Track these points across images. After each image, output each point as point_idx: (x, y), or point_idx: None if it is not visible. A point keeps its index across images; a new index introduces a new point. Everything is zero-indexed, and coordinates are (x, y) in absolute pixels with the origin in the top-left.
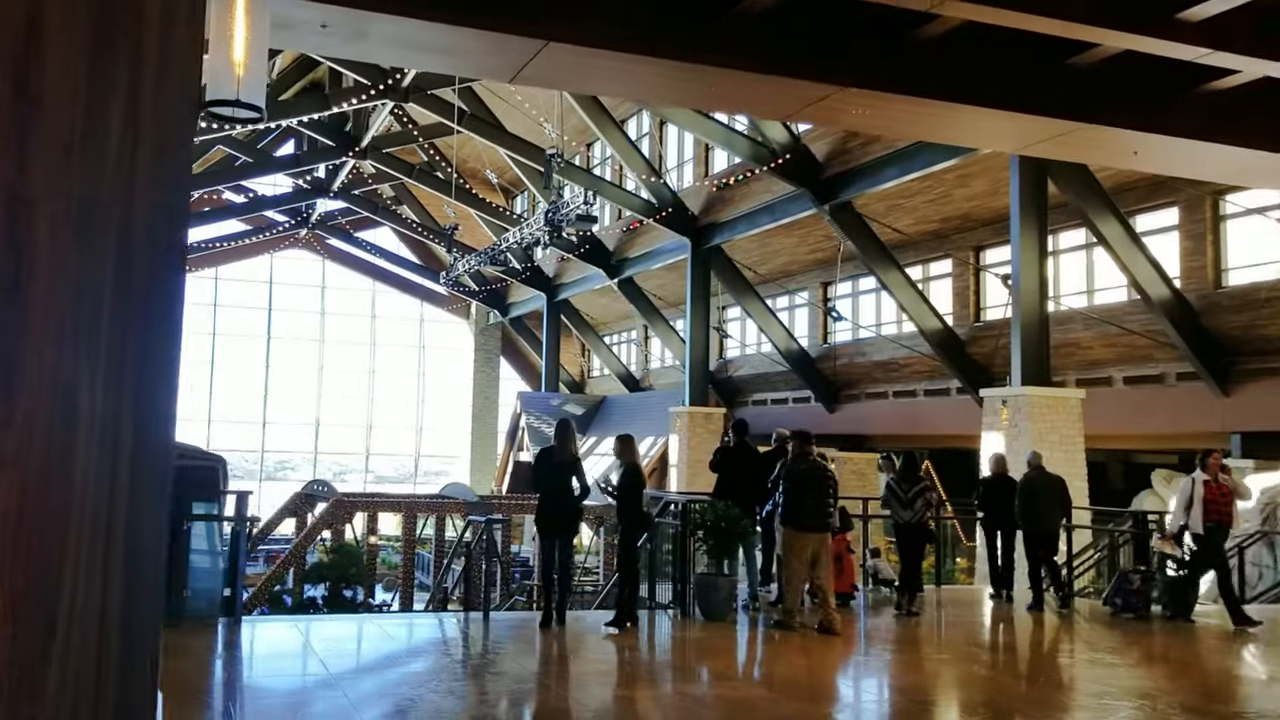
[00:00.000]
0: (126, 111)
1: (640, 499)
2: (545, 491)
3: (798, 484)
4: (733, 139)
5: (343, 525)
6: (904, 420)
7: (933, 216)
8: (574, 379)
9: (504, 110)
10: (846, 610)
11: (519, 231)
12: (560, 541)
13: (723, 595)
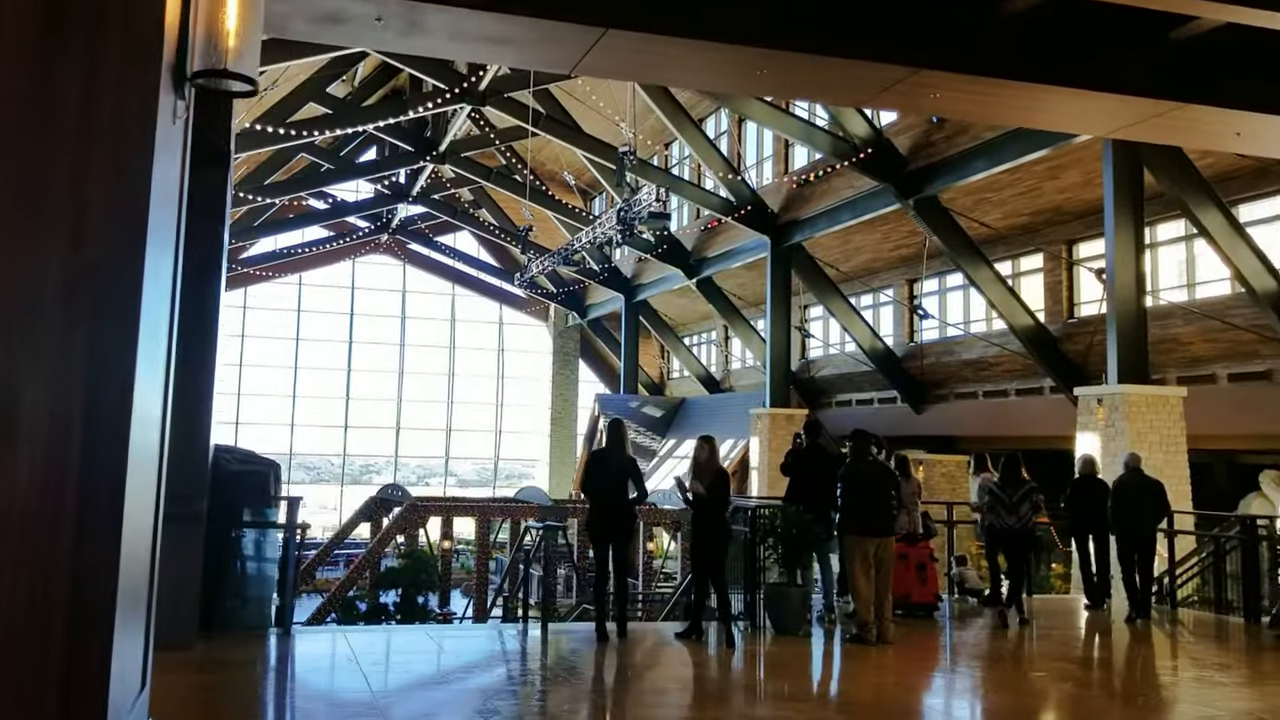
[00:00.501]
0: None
1: (728, 505)
2: (599, 495)
3: (857, 485)
4: (812, 134)
5: (416, 530)
6: (995, 421)
7: (1022, 210)
8: (653, 381)
9: (580, 112)
10: (929, 622)
11: (592, 231)
12: (616, 548)
13: (795, 606)
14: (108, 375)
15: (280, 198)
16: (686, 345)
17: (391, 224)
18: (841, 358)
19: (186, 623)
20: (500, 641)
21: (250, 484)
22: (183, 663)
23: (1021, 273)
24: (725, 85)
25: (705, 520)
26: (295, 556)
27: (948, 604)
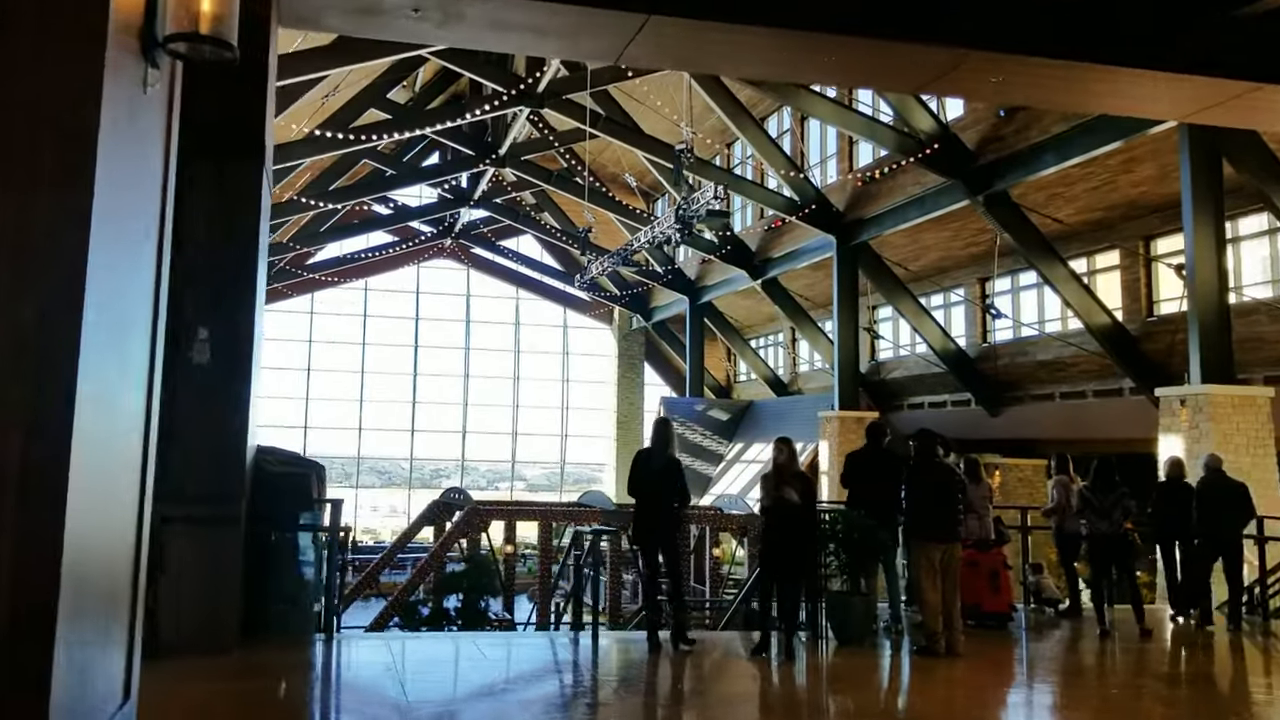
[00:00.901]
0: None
1: (814, 511)
2: (643, 496)
3: (920, 489)
4: (876, 130)
5: (478, 534)
6: (1072, 423)
7: (1096, 205)
8: (719, 383)
9: (641, 113)
10: (1002, 633)
11: (650, 230)
12: (664, 552)
13: (859, 616)
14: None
15: (344, 203)
16: (753, 347)
17: (454, 228)
18: (912, 359)
19: (225, 628)
20: (551, 650)
21: (291, 487)
22: (219, 669)
23: (1097, 270)
24: (775, 72)
25: (789, 527)
26: (340, 560)
27: (1023, 614)
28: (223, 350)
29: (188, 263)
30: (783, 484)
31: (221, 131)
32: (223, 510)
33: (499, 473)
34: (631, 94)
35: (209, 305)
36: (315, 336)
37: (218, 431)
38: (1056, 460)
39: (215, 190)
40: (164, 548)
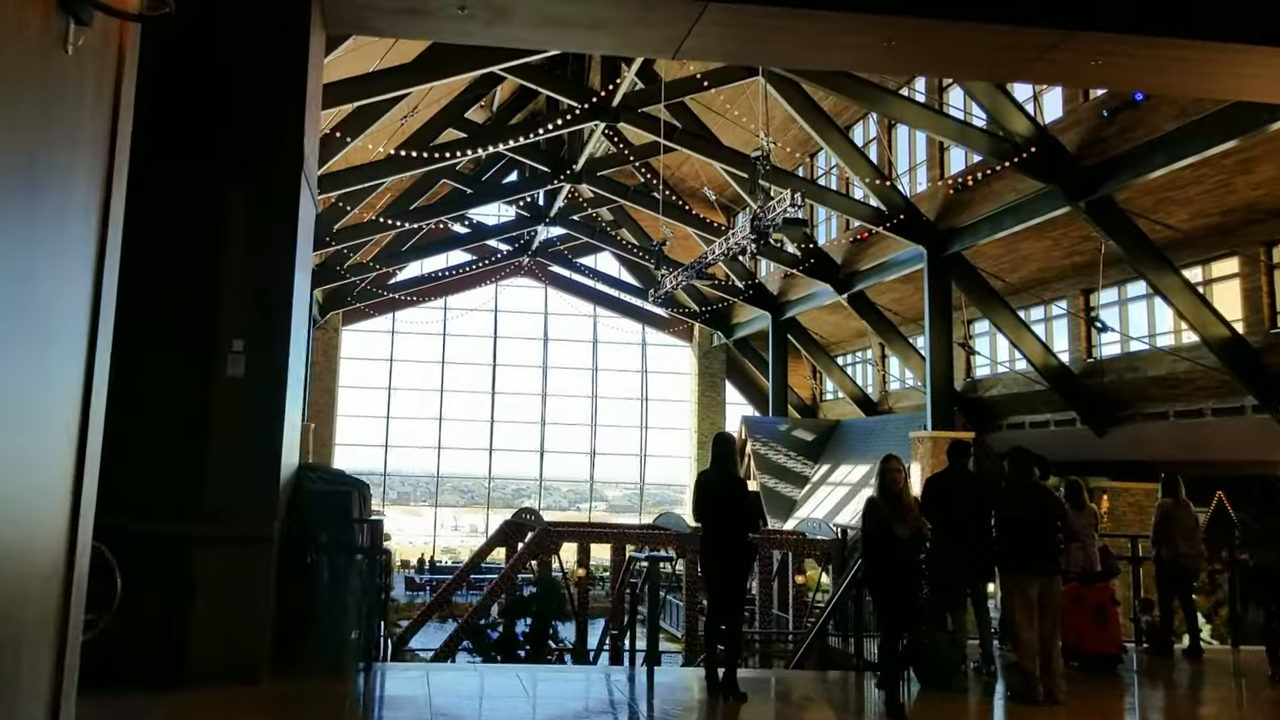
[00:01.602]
0: None
1: (924, 542)
2: (707, 525)
3: (1014, 514)
4: (969, 134)
5: (548, 556)
6: (1188, 444)
7: (1211, 209)
8: (804, 402)
9: (719, 125)
10: (1111, 677)
11: (725, 241)
12: (728, 584)
13: (944, 656)
14: None
15: (423, 222)
16: (840, 365)
17: (532, 246)
18: (1011, 376)
19: (255, 656)
20: (606, 687)
21: (331, 505)
22: (244, 701)
23: (1213, 279)
24: (849, 61)
25: (896, 563)
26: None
27: (1134, 655)
28: (258, 363)
29: (222, 273)
30: (897, 519)
31: (254, 139)
32: (254, 529)
33: (580, 493)
34: (710, 106)
35: (244, 317)
36: (396, 355)
37: (252, 446)
38: (1164, 481)
39: (249, 199)
40: (193, 569)
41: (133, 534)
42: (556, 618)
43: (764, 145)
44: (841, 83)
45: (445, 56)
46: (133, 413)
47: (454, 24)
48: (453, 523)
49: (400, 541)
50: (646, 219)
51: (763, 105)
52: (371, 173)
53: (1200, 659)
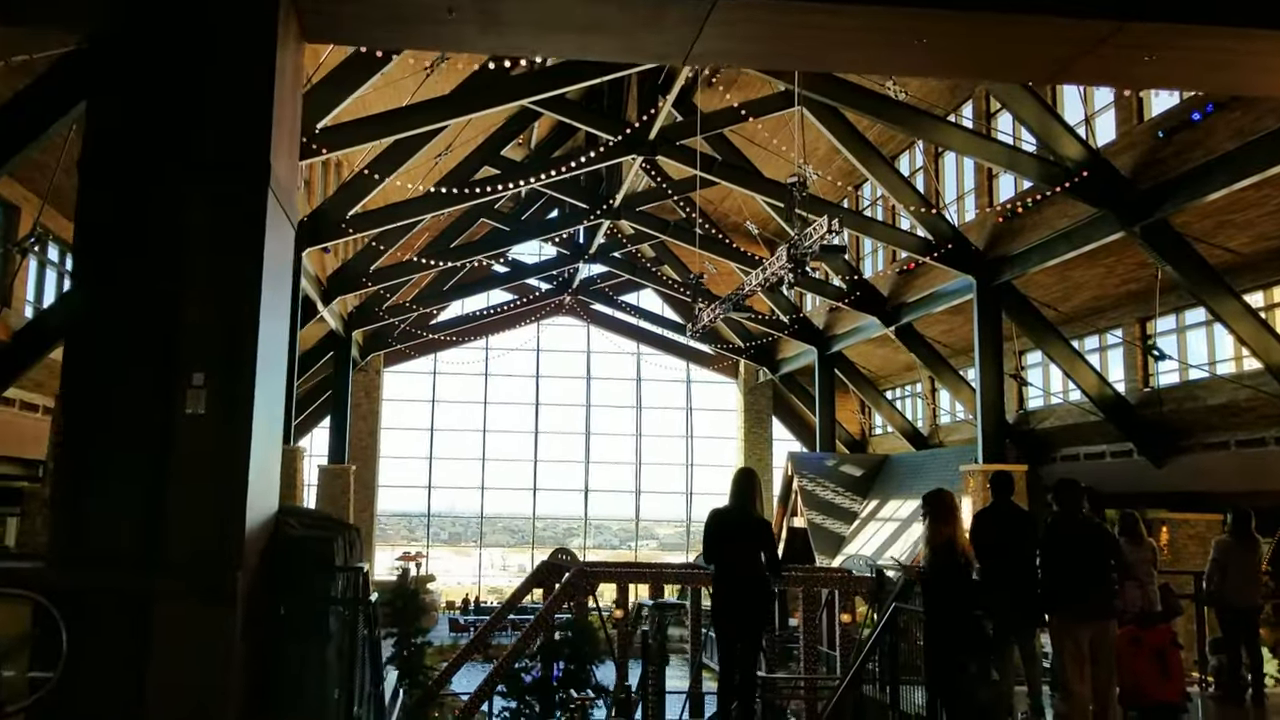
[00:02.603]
0: None
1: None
2: (721, 568)
3: (1061, 552)
4: (1018, 160)
5: (585, 597)
6: (1251, 474)
7: (1272, 231)
8: (853, 437)
9: (761, 158)
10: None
11: (762, 272)
12: (744, 638)
13: (986, 708)
14: None
15: (461, 261)
16: (888, 399)
17: (573, 284)
18: (1065, 408)
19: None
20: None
21: (309, 553)
22: None
23: (1276, 304)
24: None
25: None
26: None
27: (1199, 702)
28: (223, 399)
29: (182, 303)
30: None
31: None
32: (218, 581)
33: (630, 531)
34: (752, 139)
35: (206, 350)
36: (439, 396)
37: (216, 491)
38: (1234, 516)
39: (211, 219)
40: (151, 625)
41: (85, 588)
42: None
43: (800, 171)
44: (885, 109)
45: (477, 90)
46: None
47: (444, 30)
48: (501, 563)
49: (448, 582)
50: (689, 254)
51: (799, 131)
52: (406, 211)
53: (1264, 705)
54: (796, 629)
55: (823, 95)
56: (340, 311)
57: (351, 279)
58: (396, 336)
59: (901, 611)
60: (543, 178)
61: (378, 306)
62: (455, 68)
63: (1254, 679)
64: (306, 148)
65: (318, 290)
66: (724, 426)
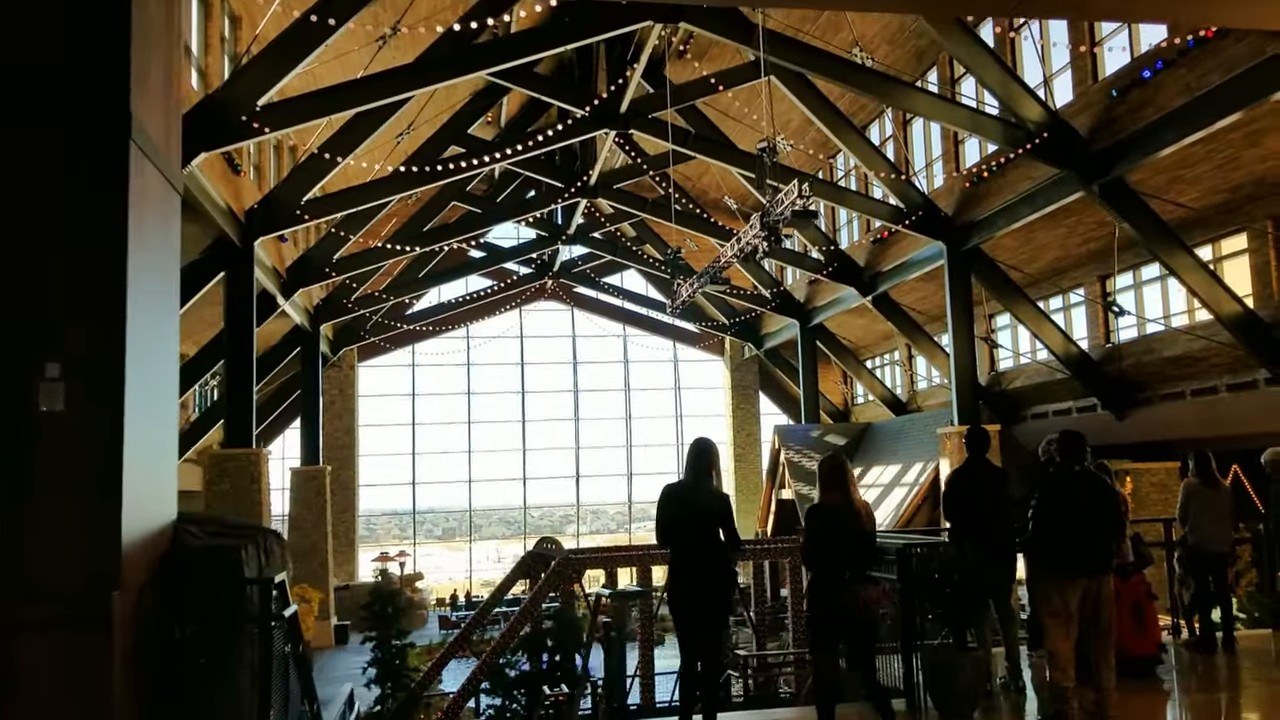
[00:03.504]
0: None
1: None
2: (677, 549)
3: (1054, 504)
4: (981, 123)
5: (571, 586)
6: (1205, 421)
7: (1220, 185)
8: (836, 408)
9: (738, 131)
10: (1151, 680)
11: (736, 243)
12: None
13: (965, 680)
14: None
15: (432, 246)
16: (869, 368)
17: (553, 267)
18: (1034, 367)
19: None
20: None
21: (210, 565)
22: None
23: (1223, 256)
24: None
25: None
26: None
27: (1173, 652)
28: (86, 390)
29: (23, 277)
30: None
31: (55, 91)
32: (85, 608)
33: (622, 517)
34: (726, 111)
35: (60, 336)
36: (419, 389)
37: (84, 501)
38: (1194, 459)
39: (61, 177)
40: (14, 661)
41: None
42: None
43: (770, 138)
44: (852, 74)
45: (437, 61)
46: None
47: None
48: (496, 555)
49: (440, 579)
50: (670, 233)
51: (766, 98)
52: (368, 194)
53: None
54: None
55: (791, 62)
56: (305, 305)
57: (314, 269)
58: (369, 329)
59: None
60: (508, 153)
61: (346, 298)
62: (413, 37)
63: (1224, 625)
64: (246, 126)
65: (276, 283)
66: (712, 404)
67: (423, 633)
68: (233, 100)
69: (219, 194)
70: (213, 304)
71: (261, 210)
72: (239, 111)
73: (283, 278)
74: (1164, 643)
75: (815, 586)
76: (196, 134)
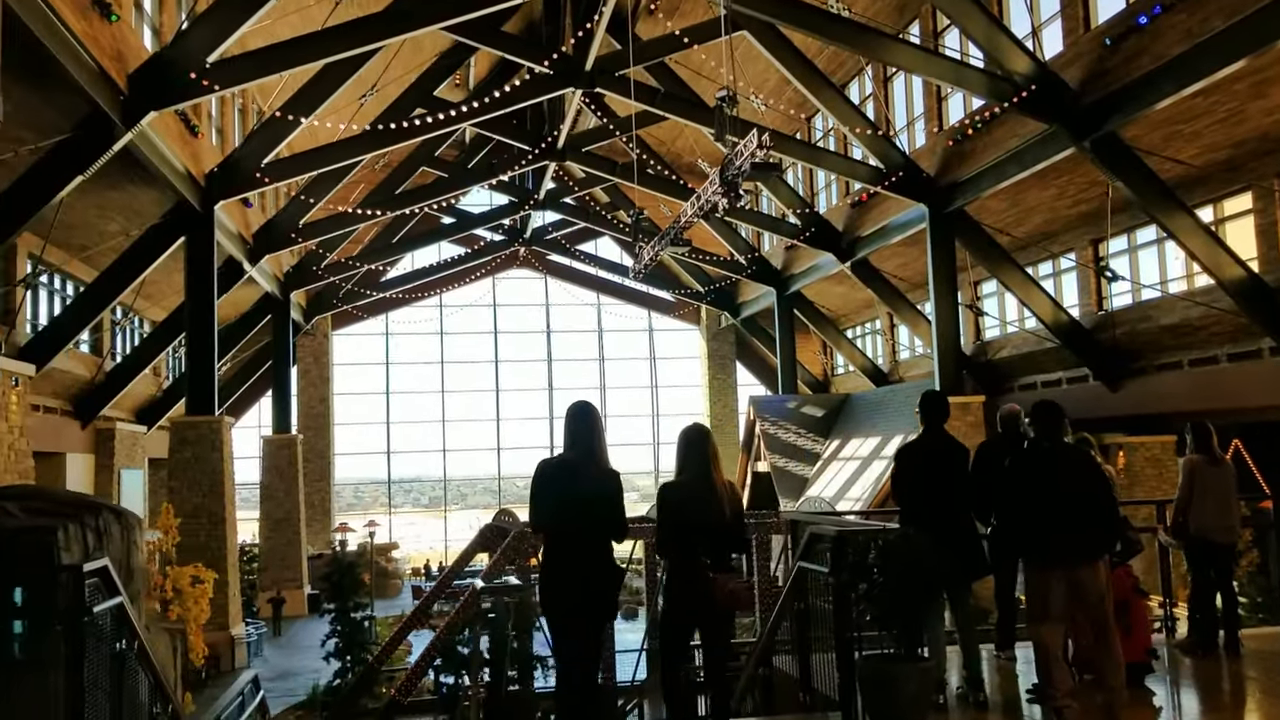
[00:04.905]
0: None
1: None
2: (557, 535)
3: (1031, 484)
4: (965, 76)
5: (528, 560)
6: (1204, 392)
7: (1222, 141)
8: (816, 378)
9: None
10: (1141, 692)
11: (696, 200)
12: (588, 625)
13: (908, 692)
14: None
15: (401, 210)
16: (849, 338)
17: (525, 233)
18: (1021, 335)
19: None
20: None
21: (21, 549)
22: None
23: (1226, 217)
24: None
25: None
26: (140, 652)
27: (1167, 657)
28: None
29: None
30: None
31: None
32: None
33: None
34: (699, 70)
35: None
36: (393, 358)
37: None
38: (1193, 432)
39: None
40: None
41: None
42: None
43: (729, 86)
44: (828, 26)
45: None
46: None
47: None
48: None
49: (421, 548)
50: (645, 199)
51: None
52: (331, 155)
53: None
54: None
55: (760, 12)
56: (274, 272)
57: (280, 235)
58: (342, 297)
59: (805, 572)
60: (473, 107)
61: (316, 265)
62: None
63: (1228, 623)
64: (195, 84)
65: (242, 249)
66: (688, 374)
67: (396, 602)
68: (181, 58)
69: (176, 156)
70: (181, 269)
71: (221, 173)
72: (187, 69)
73: (249, 243)
74: (1154, 648)
75: (668, 577)
76: (143, 93)
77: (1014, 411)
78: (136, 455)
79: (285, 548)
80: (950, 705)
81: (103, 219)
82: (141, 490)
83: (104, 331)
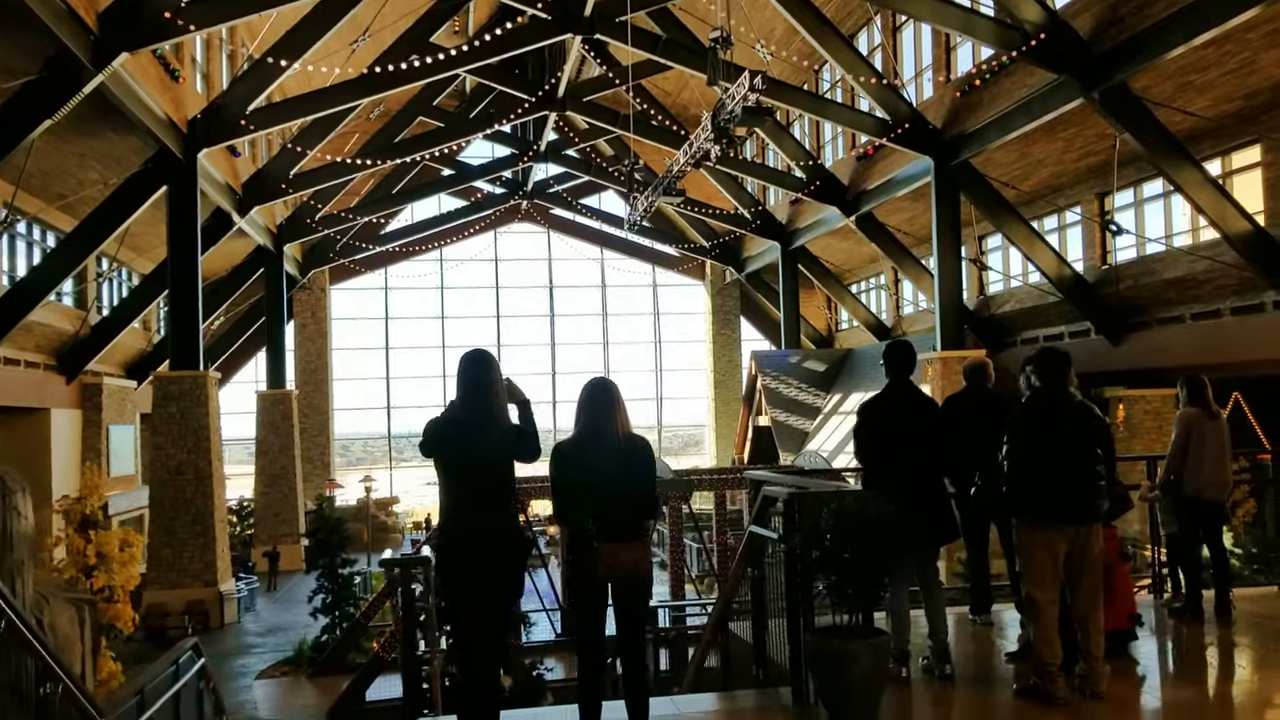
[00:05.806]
0: None
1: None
2: (459, 489)
3: (1032, 439)
4: (974, 24)
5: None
6: (1206, 346)
7: (1233, 93)
8: (820, 333)
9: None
10: (1124, 661)
11: (688, 148)
12: (491, 590)
13: (860, 672)
14: None
15: (397, 159)
16: (854, 292)
17: (527, 186)
18: (1025, 290)
19: None
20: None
21: None
22: None
23: (1234, 170)
24: None
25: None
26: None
27: (1154, 616)
28: None
29: None
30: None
31: None
32: None
33: None
34: (705, 19)
35: None
36: (392, 313)
37: None
38: (1187, 385)
39: None
40: None
41: None
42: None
43: (722, 26)
44: None
45: None
46: None
47: None
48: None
49: (425, 503)
50: (649, 151)
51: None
52: (321, 102)
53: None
54: None
55: None
56: (266, 224)
57: (271, 185)
58: (339, 250)
59: (757, 537)
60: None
61: (310, 217)
62: None
63: (1219, 584)
64: (170, 24)
65: (231, 200)
66: (692, 329)
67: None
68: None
69: (156, 102)
70: None
71: (205, 120)
72: (161, 7)
73: (238, 194)
74: (1138, 614)
75: (566, 549)
76: (114, 33)
77: (980, 362)
78: (126, 411)
79: (281, 503)
80: (914, 679)
81: (81, 167)
82: (132, 446)
83: (88, 283)
